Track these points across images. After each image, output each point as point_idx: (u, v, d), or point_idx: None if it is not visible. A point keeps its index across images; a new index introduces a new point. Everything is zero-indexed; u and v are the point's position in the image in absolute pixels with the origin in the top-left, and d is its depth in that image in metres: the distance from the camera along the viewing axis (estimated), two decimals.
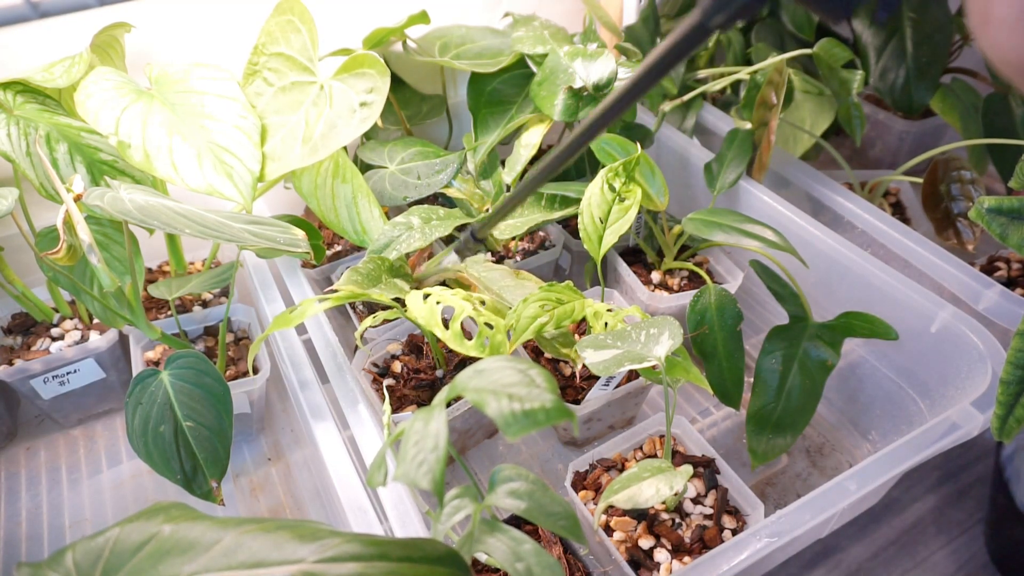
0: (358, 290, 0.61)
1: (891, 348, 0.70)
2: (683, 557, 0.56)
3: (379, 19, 0.85)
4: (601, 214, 0.69)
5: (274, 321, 0.58)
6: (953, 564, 0.67)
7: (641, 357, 0.52)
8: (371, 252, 0.68)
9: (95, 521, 0.72)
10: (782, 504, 0.63)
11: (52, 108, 0.67)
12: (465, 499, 0.40)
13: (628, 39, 0.99)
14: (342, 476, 0.54)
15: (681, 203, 0.91)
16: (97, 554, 0.29)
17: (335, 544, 0.29)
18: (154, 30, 0.80)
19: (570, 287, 0.63)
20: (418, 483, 0.32)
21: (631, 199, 0.69)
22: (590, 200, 0.70)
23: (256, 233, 0.56)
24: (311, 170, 0.71)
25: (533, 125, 0.81)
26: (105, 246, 0.69)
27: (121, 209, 0.51)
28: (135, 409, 0.59)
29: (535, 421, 0.32)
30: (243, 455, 0.78)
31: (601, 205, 0.70)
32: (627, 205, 0.69)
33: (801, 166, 0.86)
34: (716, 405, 0.80)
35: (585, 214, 0.70)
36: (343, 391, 0.61)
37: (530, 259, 0.84)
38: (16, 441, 0.80)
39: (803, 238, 0.75)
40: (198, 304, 0.84)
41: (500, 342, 0.59)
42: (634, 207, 0.69)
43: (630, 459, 0.65)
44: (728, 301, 0.69)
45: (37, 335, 0.78)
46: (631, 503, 0.50)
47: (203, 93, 0.67)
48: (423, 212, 0.72)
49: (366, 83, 0.66)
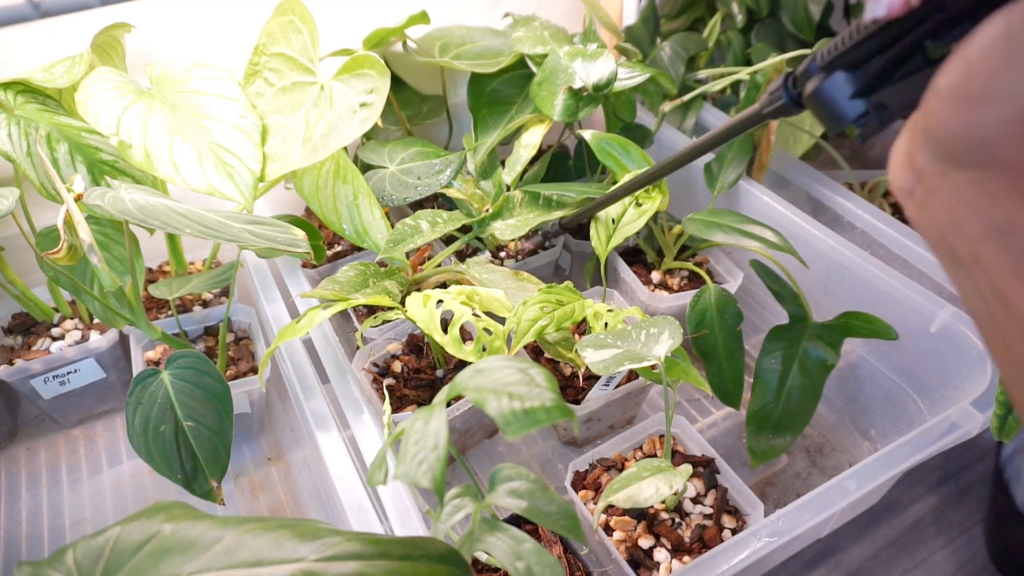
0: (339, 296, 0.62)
1: (891, 348, 0.70)
2: (683, 557, 0.56)
3: (379, 19, 0.85)
4: (616, 215, 0.70)
5: (280, 333, 0.58)
6: (953, 564, 0.67)
7: (641, 357, 0.52)
8: (382, 255, 0.70)
9: (95, 521, 0.72)
10: (782, 504, 0.63)
11: (53, 108, 0.67)
12: (465, 498, 0.40)
13: (628, 39, 0.99)
14: (342, 476, 0.54)
15: (681, 203, 0.91)
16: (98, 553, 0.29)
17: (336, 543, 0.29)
18: (154, 30, 0.80)
19: (570, 288, 0.63)
20: (418, 482, 0.32)
21: (649, 204, 0.70)
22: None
23: (256, 233, 0.56)
24: (312, 171, 0.72)
25: (533, 125, 0.81)
26: (105, 246, 0.69)
27: (121, 209, 0.51)
28: (135, 409, 0.59)
29: (535, 420, 0.32)
30: (243, 455, 0.78)
31: (618, 207, 0.71)
32: (644, 209, 0.70)
33: (801, 166, 0.86)
34: (716, 405, 0.80)
35: (601, 214, 0.71)
36: (343, 391, 0.61)
37: (530, 259, 0.84)
38: (16, 441, 0.80)
39: (803, 238, 0.75)
40: (198, 304, 0.84)
41: (499, 348, 0.59)
42: (650, 212, 0.70)
43: (630, 459, 0.65)
44: (728, 301, 0.69)
45: (37, 335, 0.78)
46: (631, 503, 0.50)
47: (204, 93, 0.67)
48: (429, 216, 0.73)
49: (366, 84, 0.67)
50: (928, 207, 0.29)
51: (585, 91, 0.77)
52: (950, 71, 0.27)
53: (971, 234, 0.27)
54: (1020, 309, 0.26)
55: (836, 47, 0.36)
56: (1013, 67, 0.24)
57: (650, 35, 1.01)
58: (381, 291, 0.65)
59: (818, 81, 0.37)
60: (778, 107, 0.43)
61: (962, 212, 0.27)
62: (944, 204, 0.28)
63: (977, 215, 0.27)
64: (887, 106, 0.35)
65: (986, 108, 0.25)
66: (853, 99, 0.36)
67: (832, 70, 0.36)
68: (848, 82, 0.36)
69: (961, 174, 0.27)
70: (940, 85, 0.27)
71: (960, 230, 0.28)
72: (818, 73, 0.37)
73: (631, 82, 0.80)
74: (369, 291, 0.65)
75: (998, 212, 0.26)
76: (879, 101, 0.35)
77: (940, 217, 0.29)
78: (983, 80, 0.25)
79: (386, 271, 0.70)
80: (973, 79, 0.26)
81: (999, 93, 0.25)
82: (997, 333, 0.28)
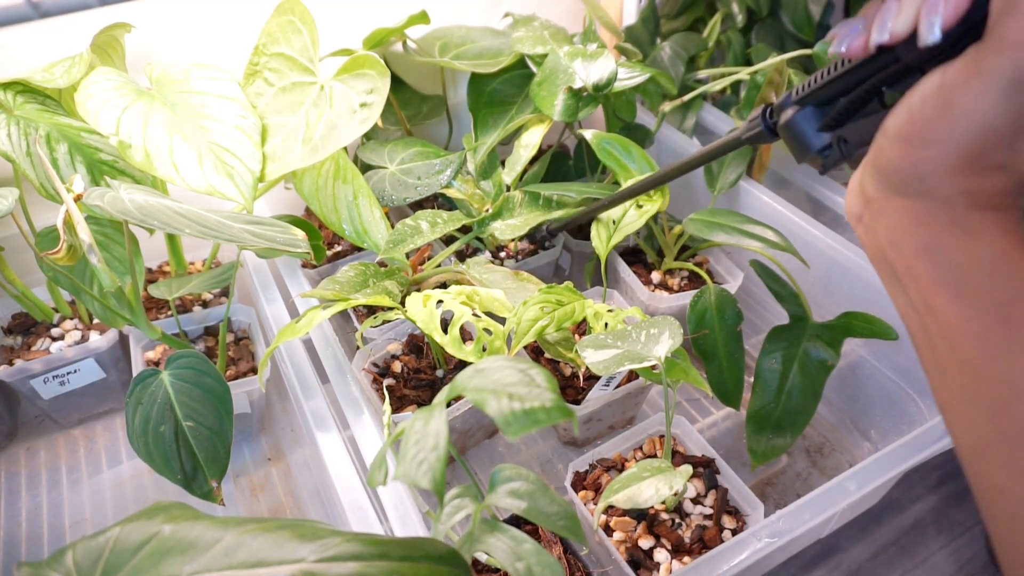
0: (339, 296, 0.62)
1: (891, 348, 0.70)
2: (683, 557, 0.56)
3: (379, 19, 0.85)
4: (616, 217, 0.71)
5: (280, 333, 0.58)
6: (953, 564, 0.67)
7: (641, 357, 0.52)
8: (382, 255, 0.70)
9: (95, 521, 0.72)
10: (782, 504, 0.63)
11: (52, 108, 0.67)
12: (465, 499, 0.40)
13: (628, 39, 0.99)
14: (342, 476, 0.54)
15: (681, 203, 0.91)
16: (97, 554, 0.29)
17: (335, 543, 0.29)
18: (154, 30, 0.80)
19: (570, 288, 0.63)
20: (418, 482, 0.32)
21: (650, 206, 0.70)
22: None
23: (256, 233, 0.56)
24: (312, 171, 0.72)
25: (533, 125, 0.81)
26: (105, 246, 0.69)
27: (121, 209, 0.51)
28: (135, 409, 0.59)
29: (535, 420, 0.32)
30: (243, 455, 0.78)
31: (619, 209, 0.71)
32: (645, 211, 0.70)
33: (801, 166, 0.86)
34: (716, 405, 0.80)
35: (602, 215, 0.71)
36: (343, 391, 0.61)
37: (530, 259, 0.84)
38: (16, 441, 0.80)
39: (803, 238, 0.75)
40: (198, 304, 0.84)
41: (499, 348, 0.59)
42: (650, 213, 0.70)
43: (630, 459, 0.65)
44: (728, 301, 0.69)
45: (37, 335, 0.78)
46: (631, 503, 0.50)
47: (203, 93, 0.67)
48: (429, 216, 0.73)
49: (366, 84, 0.66)
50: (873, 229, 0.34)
51: (585, 91, 0.77)
52: (897, 115, 0.32)
53: (907, 252, 0.32)
54: (944, 315, 0.30)
55: (808, 85, 0.41)
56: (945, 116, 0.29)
57: (650, 35, 1.01)
58: (381, 291, 0.65)
59: (791, 113, 0.42)
60: (755, 134, 0.48)
61: (900, 233, 0.32)
62: (886, 226, 0.33)
63: (912, 236, 0.32)
64: (848, 140, 0.39)
65: (923, 148, 0.30)
66: (820, 132, 0.41)
67: (804, 104, 0.41)
68: (816, 116, 0.41)
69: (901, 201, 0.32)
70: (888, 126, 0.32)
71: (899, 249, 0.33)
72: (792, 106, 0.42)
73: (631, 82, 0.80)
74: (369, 291, 0.65)
75: (929, 234, 0.31)
76: (841, 136, 0.40)
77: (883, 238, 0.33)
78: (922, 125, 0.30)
79: (386, 271, 0.70)
80: (914, 123, 0.30)
81: (934, 136, 0.30)
82: (926, 340, 0.32)
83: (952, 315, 0.30)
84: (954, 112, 0.29)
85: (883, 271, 0.34)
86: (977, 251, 0.30)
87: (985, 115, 0.28)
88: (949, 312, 0.30)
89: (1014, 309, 0.28)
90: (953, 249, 0.30)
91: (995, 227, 0.30)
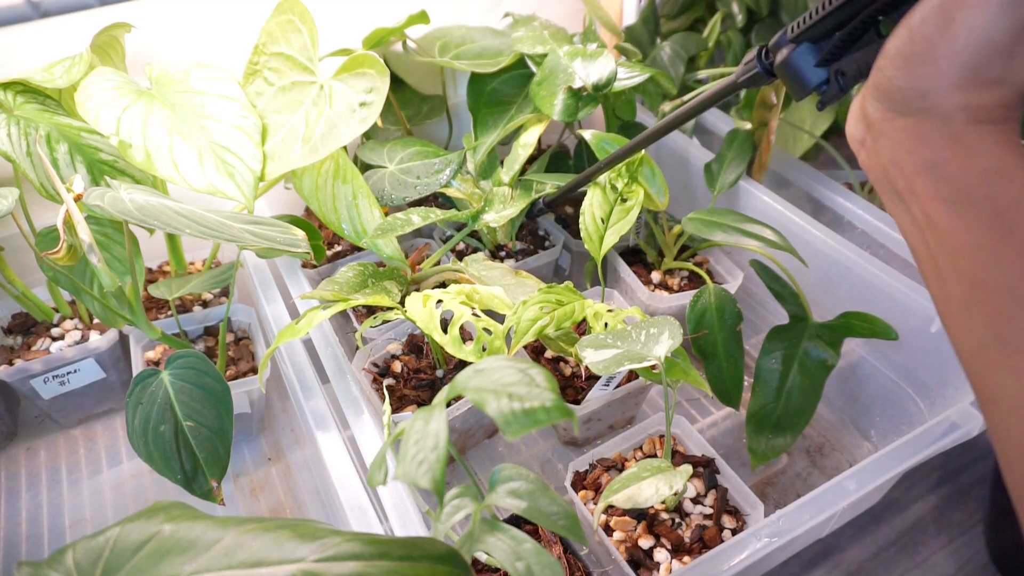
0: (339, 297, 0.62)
1: (891, 348, 0.70)
2: (683, 557, 0.56)
3: (379, 19, 0.85)
4: (603, 214, 0.70)
5: (280, 333, 0.58)
6: (953, 564, 0.67)
7: (641, 357, 0.52)
8: (368, 239, 0.69)
9: (95, 521, 0.72)
10: (782, 504, 0.63)
11: (52, 108, 0.67)
12: (465, 498, 0.40)
13: (628, 39, 0.99)
14: (342, 476, 0.54)
15: (681, 203, 0.91)
16: (97, 553, 0.29)
17: (335, 543, 0.29)
18: (154, 30, 0.80)
19: (569, 288, 0.63)
20: (418, 482, 0.32)
21: (633, 200, 0.69)
22: (592, 200, 0.70)
23: (256, 233, 0.56)
24: (312, 171, 0.72)
25: (532, 125, 0.81)
26: (105, 246, 0.69)
27: (121, 209, 0.51)
28: (135, 409, 0.59)
29: (535, 420, 0.32)
30: (243, 455, 0.78)
31: (603, 205, 0.70)
32: (629, 206, 0.69)
33: (801, 166, 0.86)
34: (716, 405, 0.80)
35: (587, 214, 0.70)
36: (343, 391, 0.61)
37: (530, 259, 0.84)
38: (16, 441, 0.80)
39: (803, 238, 0.75)
40: (198, 304, 0.84)
41: (498, 348, 0.59)
42: (636, 208, 0.69)
43: (630, 459, 0.65)
44: (728, 301, 0.69)
45: (37, 335, 0.78)
46: (631, 503, 0.50)
47: (203, 93, 0.67)
48: (422, 211, 0.72)
49: (366, 83, 0.67)
50: (875, 151, 0.35)
51: (585, 91, 0.77)
52: (897, 36, 0.32)
53: (908, 169, 0.33)
54: (944, 228, 0.31)
55: (803, 21, 0.40)
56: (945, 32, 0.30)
57: (650, 35, 1.01)
58: (380, 291, 0.65)
59: (787, 52, 0.42)
60: (752, 76, 0.48)
61: (902, 152, 0.33)
62: (887, 146, 0.34)
63: (913, 154, 0.33)
64: (846, 73, 0.40)
65: (924, 65, 0.31)
66: (817, 67, 0.41)
67: (799, 42, 0.41)
68: (813, 52, 0.41)
69: (902, 120, 0.33)
70: (889, 47, 0.33)
71: (900, 167, 0.33)
72: (787, 45, 0.42)
73: (631, 82, 0.80)
74: (368, 291, 0.65)
75: (929, 150, 0.32)
76: (839, 69, 0.40)
77: (884, 158, 0.34)
78: (922, 43, 0.31)
79: (385, 271, 0.70)
80: (915, 42, 0.31)
81: (935, 53, 0.31)
82: (928, 255, 0.33)
83: (952, 227, 0.31)
84: (954, 28, 0.29)
85: (885, 192, 0.35)
86: (975, 164, 0.31)
87: (984, 29, 0.29)
88: (949, 224, 0.31)
89: (1010, 217, 0.29)
90: (952, 163, 0.31)
91: (993, 140, 0.31)
